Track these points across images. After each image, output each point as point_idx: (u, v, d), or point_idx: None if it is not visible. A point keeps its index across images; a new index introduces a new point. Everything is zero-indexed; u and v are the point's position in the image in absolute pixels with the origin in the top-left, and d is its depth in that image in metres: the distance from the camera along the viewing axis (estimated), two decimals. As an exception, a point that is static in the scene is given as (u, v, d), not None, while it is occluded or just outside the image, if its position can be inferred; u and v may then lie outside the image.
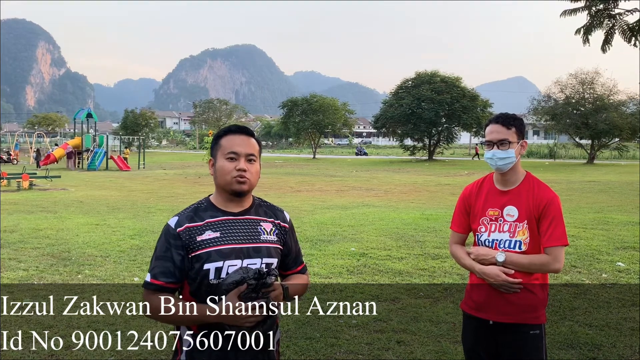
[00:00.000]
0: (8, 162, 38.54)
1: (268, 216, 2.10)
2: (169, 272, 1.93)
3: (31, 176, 20.28)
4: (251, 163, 2.00)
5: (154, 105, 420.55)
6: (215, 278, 1.91)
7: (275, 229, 2.08)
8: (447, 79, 48.83)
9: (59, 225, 10.39)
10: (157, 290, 1.93)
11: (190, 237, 1.94)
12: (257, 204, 2.12)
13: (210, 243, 1.94)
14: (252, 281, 1.83)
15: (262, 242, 2.01)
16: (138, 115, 67.89)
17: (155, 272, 1.94)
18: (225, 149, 2.00)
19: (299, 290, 2.13)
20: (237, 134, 2.03)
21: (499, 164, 2.59)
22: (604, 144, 44.06)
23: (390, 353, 4.30)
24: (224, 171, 1.98)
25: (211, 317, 1.85)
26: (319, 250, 8.05)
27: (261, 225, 2.05)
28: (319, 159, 51.56)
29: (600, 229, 9.95)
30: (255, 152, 2.03)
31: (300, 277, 2.20)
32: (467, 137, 62.61)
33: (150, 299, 1.93)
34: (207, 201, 2.06)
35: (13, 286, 6.07)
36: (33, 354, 4.22)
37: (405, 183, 23.17)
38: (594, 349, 4.39)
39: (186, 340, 1.96)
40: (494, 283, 2.55)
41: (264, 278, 1.85)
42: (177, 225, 1.96)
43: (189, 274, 1.94)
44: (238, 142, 2.00)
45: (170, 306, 1.89)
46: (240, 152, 1.98)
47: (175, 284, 1.94)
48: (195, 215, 1.99)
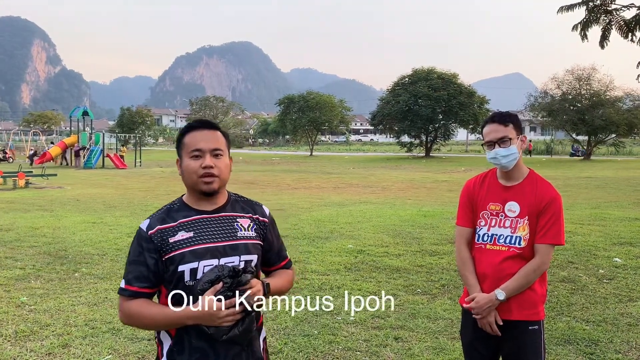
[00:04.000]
0: (4, 160, 38.41)
1: (245, 212, 2.02)
2: (143, 276, 1.86)
3: (27, 174, 20.21)
4: (218, 158, 1.91)
5: (150, 102, 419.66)
6: (191, 279, 1.84)
7: (253, 224, 2.00)
8: (444, 76, 48.86)
9: (56, 223, 10.36)
10: (131, 296, 1.86)
11: (163, 239, 1.87)
12: (233, 200, 2.03)
13: (183, 244, 1.86)
14: (227, 279, 1.77)
15: (239, 239, 1.93)
16: (134, 113, 67.75)
17: (129, 277, 1.87)
18: (189, 146, 1.91)
19: (282, 286, 2.04)
20: (199, 129, 1.93)
21: (503, 162, 2.58)
22: (601, 140, 44.19)
23: (388, 349, 4.30)
24: (189, 170, 1.89)
25: (188, 319, 1.79)
26: (317, 248, 8.04)
27: (238, 222, 1.97)
28: (316, 156, 51.55)
29: (597, 225, 9.97)
30: (221, 146, 1.92)
31: (284, 273, 2.11)
32: (464, 134, 62.65)
33: (126, 305, 1.87)
34: (180, 201, 1.99)
35: (10, 285, 6.05)
36: (30, 353, 4.21)
37: (403, 180, 23.18)
38: (591, 344, 4.40)
39: (166, 343, 1.90)
40: (477, 317, 2.59)
41: (239, 276, 1.79)
42: (149, 228, 1.89)
43: (164, 277, 1.88)
44: (201, 137, 1.90)
45: (145, 312, 1.83)
46: (204, 149, 1.89)
47: (151, 288, 1.88)
48: (168, 217, 1.92)
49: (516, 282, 2.53)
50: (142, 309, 1.84)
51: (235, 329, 1.79)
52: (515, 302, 2.55)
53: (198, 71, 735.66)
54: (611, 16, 16.22)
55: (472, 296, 2.61)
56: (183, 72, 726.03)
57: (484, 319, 2.57)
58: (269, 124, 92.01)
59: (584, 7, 16.68)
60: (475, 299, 2.58)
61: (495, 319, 2.56)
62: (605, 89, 42.15)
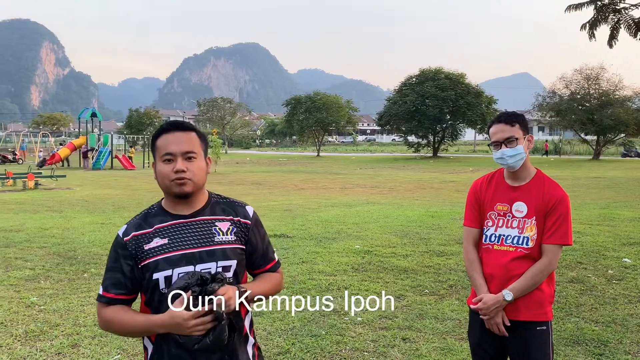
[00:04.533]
0: (13, 162, 38.72)
1: (226, 214, 1.94)
2: (120, 283, 1.84)
3: (36, 176, 20.36)
4: (191, 161, 1.84)
5: (158, 104, 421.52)
6: (167, 287, 1.80)
7: (233, 227, 1.92)
8: (452, 76, 48.77)
9: (65, 224, 10.43)
10: (108, 302, 1.85)
11: (138, 246, 1.84)
12: (214, 202, 1.96)
13: (158, 251, 1.82)
14: (195, 287, 1.73)
15: (216, 244, 1.86)
16: (142, 114, 68.03)
17: (107, 284, 1.86)
18: (161, 150, 1.85)
19: (266, 291, 1.96)
20: (171, 131, 1.87)
21: (510, 162, 2.58)
22: (610, 140, 43.90)
23: (395, 350, 4.30)
24: (162, 175, 1.85)
25: (158, 328, 1.77)
26: (324, 248, 8.04)
27: (216, 226, 1.90)
28: (323, 157, 51.57)
29: (606, 225, 9.91)
30: (194, 148, 1.86)
31: (269, 276, 2.02)
32: (471, 134, 62.45)
33: (102, 312, 1.86)
34: (157, 205, 1.94)
35: (20, 285, 6.10)
36: (40, 352, 4.24)
37: (410, 180, 23.14)
38: (600, 345, 4.37)
39: (149, 349, 1.89)
40: (485, 317, 2.59)
41: (207, 284, 1.74)
42: (124, 234, 1.87)
43: (142, 284, 1.85)
44: (172, 140, 1.85)
45: (119, 319, 1.82)
46: (175, 152, 1.83)
47: (127, 295, 1.86)
48: (145, 222, 1.89)
49: (524, 282, 2.52)
50: (116, 315, 1.83)
51: (206, 338, 1.75)
52: (523, 303, 2.54)
53: (206, 72, 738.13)
54: (620, 15, 16.12)
55: (480, 297, 2.61)
56: (191, 73, 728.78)
57: (492, 320, 2.56)
58: (276, 125, 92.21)
59: (592, 6, 16.58)
60: (483, 300, 2.58)
61: (502, 319, 2.55)
62: (614, 89, 41.92)
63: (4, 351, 4.26)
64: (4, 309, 5.24)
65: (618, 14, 17.47)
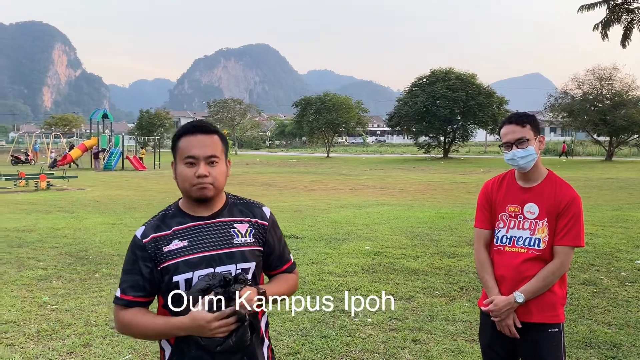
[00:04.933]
0: (26, 162, 39.08)
1: (244, 215, 1.93)
2: (138, 285, 1.82)
3: (48, 176, 20.54)
4: (213, 165, 1.82)
5: (168, 105, 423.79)
6: (187, 289, 1.79)
7: (251, 229, 1.92)
8: (462, 76, 48.51)
9: (77, 224, 10.51)
10: (126, 305, 1.82)
11: (157, 247, 1.82)
12: (232, 203, 1.95)
13: (177, 253, 1.81)
14: (218, 289, 1.72)
15: (235, 247, 1.86)
16: (153, 116, 68.38)
17: (124, 286, 1.83)
18: (183, 152, 1.83)
19: (283, 292, 1.97)
20: (194, 133, 1.84)
21: (521, 163, 2.56)
22: (623, 141, 43.47)
23: (406, 352, 4.29)
24: (182, 177, 1.82)
25: (179, 331, 1.75)
26: (334, 249, 8.04)
27: (235, 228, 1.89)
28: (333, 158, 51.54)
29: (619, 227, 9.82)
30: (216, 153, 1.84)
31: (286, 277, 2.03)
32: (482, 135, 62.12)
33: (119, 315, 1.83)
34: (175, 206, 1.93)
35: (32, 285, 6.15)
36: (52, 352, 4.28)
37: (420, 181, 23.07)
38: (613, 348, 4.33)
39: (167, 351, 1.87)
40: (496, 319, 2.57)
41: (230, 285, 1.73)
42: (143, 236, 1.84)
43: (160, 286, 1.84)
44: (195, 143, 1.82)
45: (138, 321, 1.80)
46: (198, 156, 1.80)
47: (146, 297, 1.83)
48: (163, 224, 1.87)
49: (535, 284, 2.50)
50: (135, 318, 1.81)
51: (229, 339, 1.74)
52: (535, 304, 2.53)
53: (216, 74, 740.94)
54: (633, 15, 15.96)
55: (491, 299, 2.59)
56: (201, 74, 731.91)
57: (503, 322, 2.55)
58: (286, 126, 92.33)
59: (604, 6, 16.44)
60: (494, 302, 2.56)
61: (514, 321, 2.54)
62: (627, 89, 41.46)
63: (16, 350, 4.30)
64: (17, 309, 5.29)
65: (631, 13, 17.32)
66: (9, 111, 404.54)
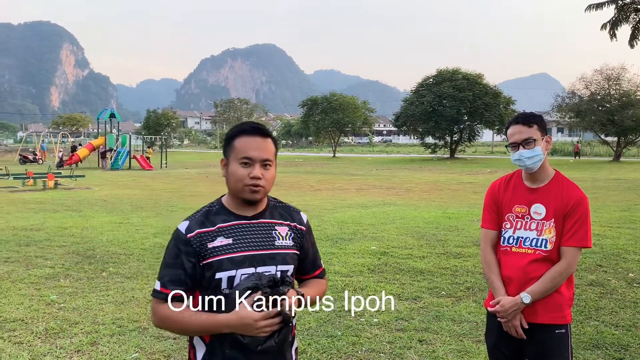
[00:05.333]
0: (34, 162, 39.32)
1: (284, 219, 1.97)
2: (180, 280, 1.81)
3: (56, 176, 20.66)
4: (267, 169, 1.85)
5: (175, 105, 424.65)
6: (228, 287, 1.80)
7: (291, 233, 1.95)
8: (469, 76, 48.36)
9: (84, 223, 10.57)
10: (166, 299, 1.81)
11: (202, 243, 1.82)
12: (272, 206, 1.98)
13: (222, 250, 1.82)
14: (266, 289, 1.73)
15: (277, 249, 1.88)
16: (160, 115, 68.69)
17: (165, 280, 1.82)
18: (239, 152, 1.84)
19: (316, 297, 2.00)
20: (252, 135, 1.85)
21: (527, 164, 2.55)
22: (631, 141, 43.20)
23: (412, 352, 4.28)
24: (236, 177, 1.83)
25: (224, 327, 1.75)
26: (340, 249, 8.04)
27: (276, 230, 1.92)
28: (339, 158, 51.53)
29: (626, 228, 9.76)
30: (271, 157, 1.87)
31: (318, 282, 2.06)
32: (489, 135, 61.89)
33: (159, 309, 1.81)
34: (219, 203, 1.93)
35: (40, 283, 6.19)
36: (60, 350, 4.30)
37: (427, 181, 23.02)
38: (620, 349, 4.31)
39: (199, 350, 1.87)
40: (502, 320, 2.57)
41: (278, 286, 1.75)
42: (188, 231, 1.84)
43: (200, 282, 1.83)
44: (253, 145, 1.84)
45: (180, 316, 1.78)
46: (255, 158, 1.82)
47: (186, 292, 1.82)
48: (207, 220, 1.87)
49: (542, 285, 2.50)
50: (176, 313, 1.79)
51: (271, 339, 1.76)
52: (542, 305, 2.52)
53: (222, 73, 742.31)
54: (641, 14, 15.85)
55: (498, 299, 2.59)
56: (208, 74, 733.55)
57: (509, 323, 2.54)
58: (292, 126, 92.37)
59: (613, 6, 16.35)
60: (501, 302, 2.56)
61: (520, 322, 2.53)
62: (636, 89, 41.19)
63: (24, 348, 4.33)
64: (25, 307, 5.33)
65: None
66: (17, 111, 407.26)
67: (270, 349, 1.77)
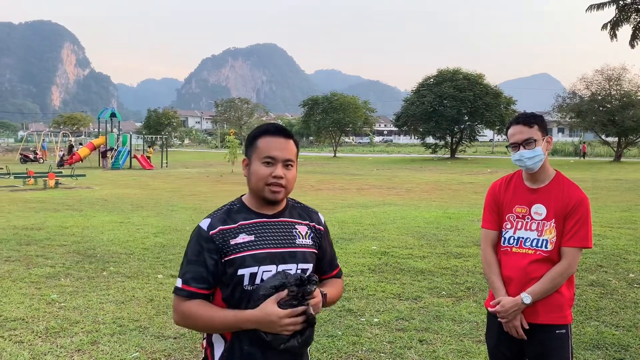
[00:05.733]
0: (35, 161, 39.35)
1: (303, 218, 1.99)
2: (202, 277, 1.81)
3: (57, 175, 20.67)
4: (288, 169, 1.87)
5: (176, 104, 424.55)
6: (250, 284, 1.81)
7: (310, 232, 1.97)
8: (470, 76, 48.34)
9: (85, 223, 10.57)
10: (188, 296, 1.81)
11: (224, 240, 1.83)
12: (291, 206, 2.00)
13: (244, 247, 1.83)
14: (293, 287, 1.73)
15: (297, 247, 1.90)
16: (161, 115, 68.69)
17: (187, 277, 1.82)
18: (262, 152, 1.86)
19: (335, 297, 2.02)
20: (275, 135, 1.88)
21: (528, 164, 2.55)
22: (632, 142, 43.18)
23: (412, 352, 4.28)
24: (258, 176, 1.85)
25: (247, 323, 1.76)
26: (340, 249, 8.04)
27: (296, 229, 1.94)
28: (340, 158, 51.52)
29: (627, 228, 9.76)
30: (293, 157, 1.89)
31: (335, 282, 2.08)
32: (490, 135, 61.88)
33: (182, 306, 1.82)
34: (240, 202, 1.95)
35: (41, 282, 6.20)
36: (60, 349, 4.31)
37: (427, 181, 23.02)
38: (620, 349, 4.30)
39: (217, 347, 1.86)
40: (503, 320, 2.57)
41: (305, 285, 1.75)
42: (210, 228, 1.84)
43: (221, 279, 1.83)
44: (276, 145, 1.86)
45: (203, 313, 1.79)
46: (277, 157, 1.85)
47: (208, 289, 1.83)
48: (228, 218, 1.88)
49: (542, 285, 2.50)
50: (199, 310, 1.80)
51: (294, 339, 1.76)
52: (542, 305, 2.52)
53: (223, 73, 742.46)
54: (642, 15, 15.84)
55: (498, 299, 2.59)
56: (209, 74, 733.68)
57: (510, 323, 2.54)
58: (293, 126, 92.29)
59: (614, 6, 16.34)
60: (501, 303, 2.56)
61: (521, 322, 2.53)
62: (636, 90, 41.17)
63: (25, 347, 4.34)
64: (25, 306, 5.34)
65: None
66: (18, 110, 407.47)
67: (293, 348, 1.77)
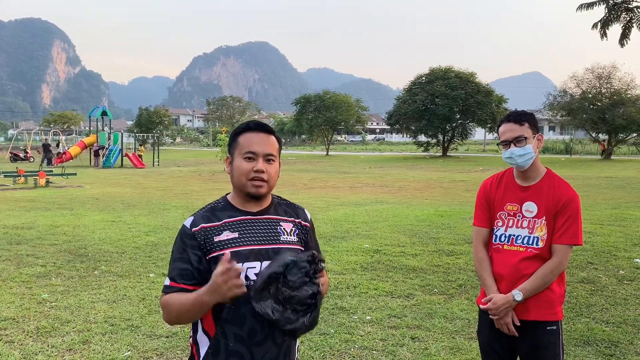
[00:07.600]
0: (25, 159, 39.05)
1: (288, 215, 2.00)
2: (188, 273, 1.82)
3: (47, 174, 20.53)
4: (270, 163, 1.90)
5: (168, 102, 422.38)
6: None
7: (295, 229, 1.98)
8: (462, 75, 48.47)
9: (76, 222, 10.51)
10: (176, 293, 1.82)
11: (207, 237, 1.85)
12: (277, 203, 2.02)
13: (228, 244, 1.84)
14: (305, 263, 1.72)
15: (282, 243, 1.90)
16: (152, 113, 68.26)
17: (174, 274, 1.84)
18: (243, 147, 1.89)
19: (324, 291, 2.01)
20: (255, 131, 1.92)
21: (519, 162, 2.57)
22: (622, 140, 43.49)
23: (404, 349, 4.30)
24: (240, 171, 1.88)
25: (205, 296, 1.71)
26: (333, 247, 8.05)
27: (281, 225, 1.95)
28: (332, 156, 51.52)
29: (617, 226, 9.84)
30: (274, 152, 1.92)
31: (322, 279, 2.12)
32: (481, 133, 62.10)
33: (162, 300, 1.84)
34: (224, 200, 1.97)
35: (31, 282, 6.16)
36: (52, 349, 4.29)
37: (419, 179, 23.08)
38: (610, 345, 4.34)
39: (202, 345, 1.87)
40: (494, 317, 2.58)
41: (317, 263, 1.75)
42: (192, 225, 1.87)
43: (207, 277, 1.80)
44: (256, 140, 1.90)
45: (174, 302, 1.79)
46: (258, 152, 1.88)
47: (195, 285, 1.81)
48: (212, 215, 1.90)
49: (534, 282, 2.51)
50: (172, 297, 1.81)
51: (303, 319, 1.73)
52: (533, 302, 2.54)
53: (215, 71, 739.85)
54: (632, 14, 15.97)
55: (489, 297, 2.60)
56: (200, 72, 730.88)
57: (501, 320, 2.56)
58: (285, 124, 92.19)
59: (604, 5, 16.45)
60: (493, 300, 2.57)
61: (512, 319, 2.55)
62: (626, 88, 41.47)
63: (15, 347, 4.31)
64: (16, 306, 5.30)
65: (630, 12, 17.33)
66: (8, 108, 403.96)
67: (300, 328, 1.76)
